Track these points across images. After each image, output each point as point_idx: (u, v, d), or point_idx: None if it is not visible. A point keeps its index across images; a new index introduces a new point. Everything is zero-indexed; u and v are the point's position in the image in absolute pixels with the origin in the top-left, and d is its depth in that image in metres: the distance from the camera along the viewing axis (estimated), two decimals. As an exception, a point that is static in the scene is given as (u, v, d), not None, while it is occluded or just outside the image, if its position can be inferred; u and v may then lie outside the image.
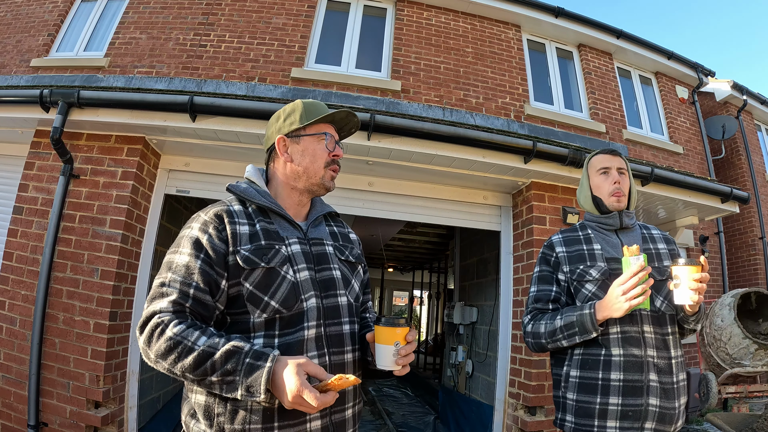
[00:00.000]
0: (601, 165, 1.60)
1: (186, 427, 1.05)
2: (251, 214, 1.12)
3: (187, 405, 1.06)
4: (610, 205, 1.56)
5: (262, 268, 1.04)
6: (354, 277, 1.21)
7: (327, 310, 1.09)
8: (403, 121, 3.17)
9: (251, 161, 3.54)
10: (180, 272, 1.00)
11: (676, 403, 1.37)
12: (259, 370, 0.89)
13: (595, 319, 1.35)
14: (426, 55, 5.18)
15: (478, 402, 4.31)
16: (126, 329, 3.13)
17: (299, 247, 1.12)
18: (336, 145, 1.20)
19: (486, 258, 4.66)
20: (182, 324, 0.95)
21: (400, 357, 1.02)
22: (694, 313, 1.39)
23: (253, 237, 1.07)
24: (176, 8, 5.04)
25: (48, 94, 3.02)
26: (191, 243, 1.03)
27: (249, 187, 1.16)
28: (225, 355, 0.91)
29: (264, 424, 0.97)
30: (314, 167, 1.17)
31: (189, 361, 0.91)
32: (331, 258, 1.17)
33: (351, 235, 1.31)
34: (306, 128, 1.18)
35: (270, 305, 1.02)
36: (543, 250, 1.62)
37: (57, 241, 3.05)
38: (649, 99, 6.39)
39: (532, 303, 1.57)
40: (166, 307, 0.97)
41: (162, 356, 0.93)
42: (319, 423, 1.03)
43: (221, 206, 1.11)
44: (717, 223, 6.47)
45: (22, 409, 2.85)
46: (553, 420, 1.54)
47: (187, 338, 0.92)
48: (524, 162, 3.39)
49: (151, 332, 0.95)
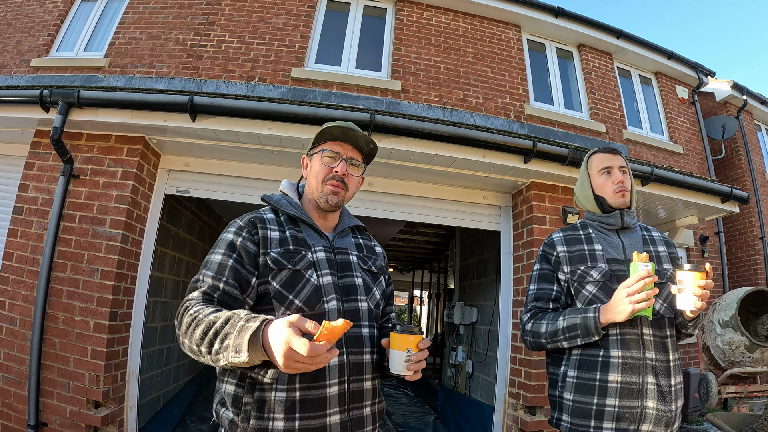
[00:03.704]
0: (603, 165, 1.58)
1: (216, 415, 1.14)
2: (282, 222, 1.23)
3: (218, 395, 1.15)
4: (614, 202, 1.54)
5: (289, 269, 1.14)
6: (375, 285, 1.29)
7: (348, 313, 1.17)
8: (403, 121, 3.17)
9: (251, 161, 3.55)
10: (213, 269, 1.11)
11: (672, 406, 1.37)
12: (246, 331, 0.88)
13: (599, 323, 1.34)
14: (426, 55, 5.18)
15: (478, 402, 4.31)
16: (126, 329, 3.13)
17: (324, 255, 1.21)
18: (342, 161, 1.25)
19: (486, 258, 4.66)
20: (202, 305, 1.03)
21: (411, 363, 1.08)
22: (693, 319, 1.39)
23: (282, 242, 1.18)
24: (176, 8, 5.04)
25: (48, 94, 3.02)
26: (226, 245, 1.15)
27: (282, 199, 1.28)
28: (224, 321, 0.94)
29: (286, 415, 1.04)
30: (315, 183, 1.26)
31: (199, 332, 0.96)
32: (354, 266, 1.26)
33: (376, 248, 1.41)
34: (315, 146, 1.29)
35: (294, 303, 1.11)
36: (543, 248, 1.60)
37: (57, 241, 3.05)
38: (649, 99, 6.38)
39: (531, 301, 1.55)
40: (197, 295, 1.07)
41: (184, 333, 1.00)
42: (338, 417, 1.09)
43: (256, 214, 1.24)
44: (717, 223, 6.47)
45: (22, 409, 2.85)
46: (549, 419, 1.54)
47: (200, 312, 0.99)
48: (524, 162, 3.38)
49: (181, 315, 1.04)
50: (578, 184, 1.67)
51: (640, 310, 1.27)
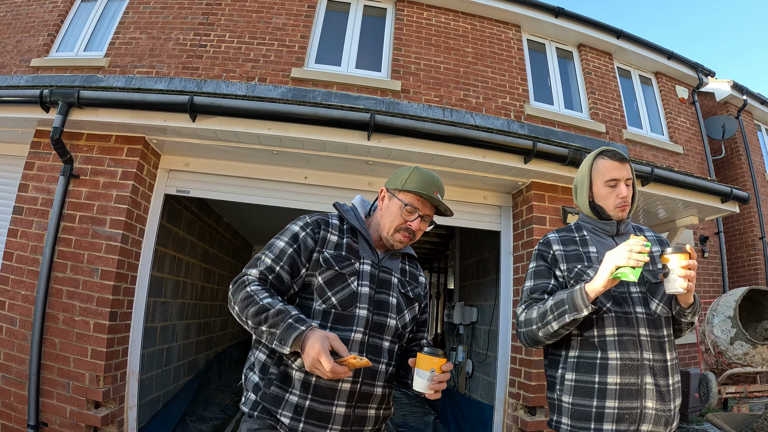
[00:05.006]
0: (611, 176, 1.50)
1: (244, 378, 1.32)
2: (344, 230, 1.39)
3: (249, 361, 1.33)
4: (614, 215, 1.51)
5: (335, 270, 1.30)
6: (408, 309, 1.42)
7: (375, 324, 1.31)
8: (403, 121, 3.17)
9: (251, 161, 3.55)
10: (275, 252, 1.29)
11: (671, 405, 1.37)
12: (293, 331, 1.11)
13: (584, 293, 1.29)
14: (426, 55, 5.18)
15: (478, 402, 4.31)
16: (126, 329, 3.13)
17: (369, 268, 1.36)
18: (418, 218, 1.38)
19: (486, 258, 4.66)
20: (260, 286, 1.22)
21: (433, 383, 1.18)
22: (690, 305, 1.38)
23: (338, 246, 1.34)
24: (176, 8, 5.04)
25: (48, 94, 3.02)
26: (291, 235, 1.33)
27: (350, 210, 1.45)
28: (276, 312, 1.15)
29: (301, 392, 1.21)
30: (389, 224, 1.39)
31: (253, 310, 1.16)
32: (393, 286, 1.39)
33: (420, 278, 1.53)
34: (400, 192, 1.40)
35: (330, 300, 1.27)
36: (539, 246, 1.58)
37: (57, 241, 3.04)
38: (649, 99, 6.39)
39: (527, 295, 1.52)
40: (255, 273, 1.26)
41: (238, 303, 1.20)
42: (343, 410, 1.23)
43: (323, 216, 1.41)
44: (717, 223, 6.47)
45: (22, 409, 2.85)
46: (548, 421, 1.53)
47: (257, 294, 1.19)
48: (524, 162, 3.38)
49: (238, 286, 1.23)
50: (578, 182, 1.61)
51: (621, 266, 1.23)
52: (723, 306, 3.32)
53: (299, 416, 1.20)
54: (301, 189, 3.62)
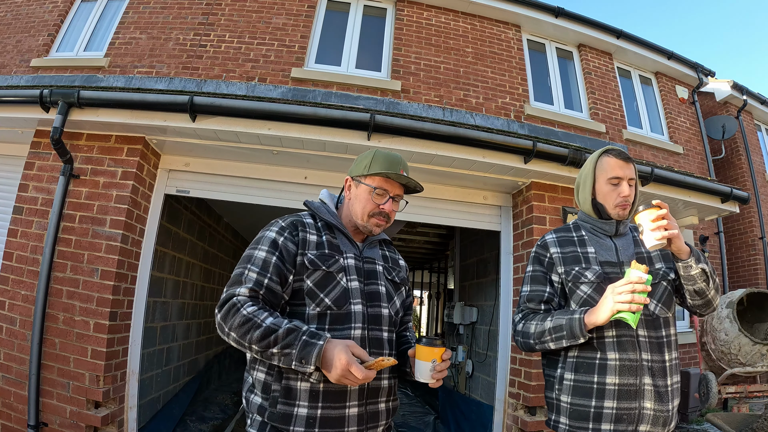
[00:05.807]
0: (614, 174, 1.50)
1: (246, 402, 1.26)
2: (320, 227, 1.36)
3: (247, 383, 1.28)
4: (614, 214, 1.51)
5: (323, 270, 1.26)
6: (396, 295, 1.42)
7: (371, 317, 1.29)
8: (403, 121, 3.17)
9: (251, 161, 3.55)
10: (258, 264, 1.21)
11: (669, 405, 1.38)
12: (312, 347, 1.07)
13: (583, 324, 1.33)
14: (426, 55, 5.18)
15: (478, 402, 4.31)
16: (126, 329, 3.13)
17: (354, 262, 1.34)
18: (389, 199, 1.36)
19: (486, 258, 4.66)
20: (255, 305, 1.14)
21: (435, 372, 1.19)
22: (687, 253, 1.35)
23: (319, 245, 1.30)
24: (176, 8, 5.04)
25: (48, 94, 3.02)
26: (269, 242, 1.25)
27: (321, 206, 1.41)
28: (286, 332, 1.09)
29: (310, 403, 1.17)
30: (360, 212, 1.36)
31: (257, 335, 1.09)
32: (379, 275, 1.38)
33: (400, 261, 1.53)
34: (365, 177, 1.37)
35: (324, 301, 1.23)
36: (536, 249, 1.58)
37: (57, 241, 3.05)
38: (649, 99, 6.38)
39: (524, 302, 1.54)
40: (244, 291, 1.17)
41: (236, 329, 1.11)
42: (356, 410, 1.21)
43: (297, 217, 1.36)
44: (717, 223, 6.47)
45: (22, 409, 2.85)
46: (546, 421, 1.54)
47: (257, 317, 1.11)
48: (524, 162, 3.38)
49: (229, 310, 1.14)
50: (581, 179, 1.61)
51: (622, 311, 1.25)
52: (723, 306, 3.32)
53: (312, 428, 1.16)
54: (301, 189, 3.62)
